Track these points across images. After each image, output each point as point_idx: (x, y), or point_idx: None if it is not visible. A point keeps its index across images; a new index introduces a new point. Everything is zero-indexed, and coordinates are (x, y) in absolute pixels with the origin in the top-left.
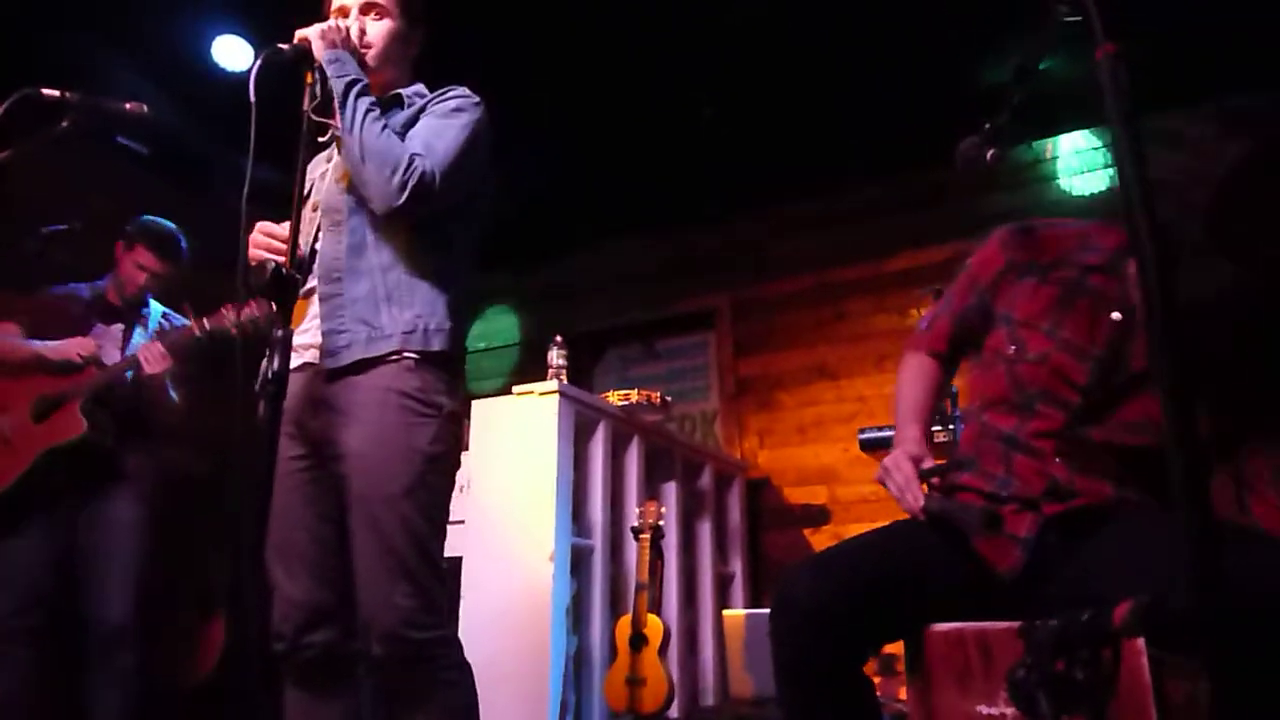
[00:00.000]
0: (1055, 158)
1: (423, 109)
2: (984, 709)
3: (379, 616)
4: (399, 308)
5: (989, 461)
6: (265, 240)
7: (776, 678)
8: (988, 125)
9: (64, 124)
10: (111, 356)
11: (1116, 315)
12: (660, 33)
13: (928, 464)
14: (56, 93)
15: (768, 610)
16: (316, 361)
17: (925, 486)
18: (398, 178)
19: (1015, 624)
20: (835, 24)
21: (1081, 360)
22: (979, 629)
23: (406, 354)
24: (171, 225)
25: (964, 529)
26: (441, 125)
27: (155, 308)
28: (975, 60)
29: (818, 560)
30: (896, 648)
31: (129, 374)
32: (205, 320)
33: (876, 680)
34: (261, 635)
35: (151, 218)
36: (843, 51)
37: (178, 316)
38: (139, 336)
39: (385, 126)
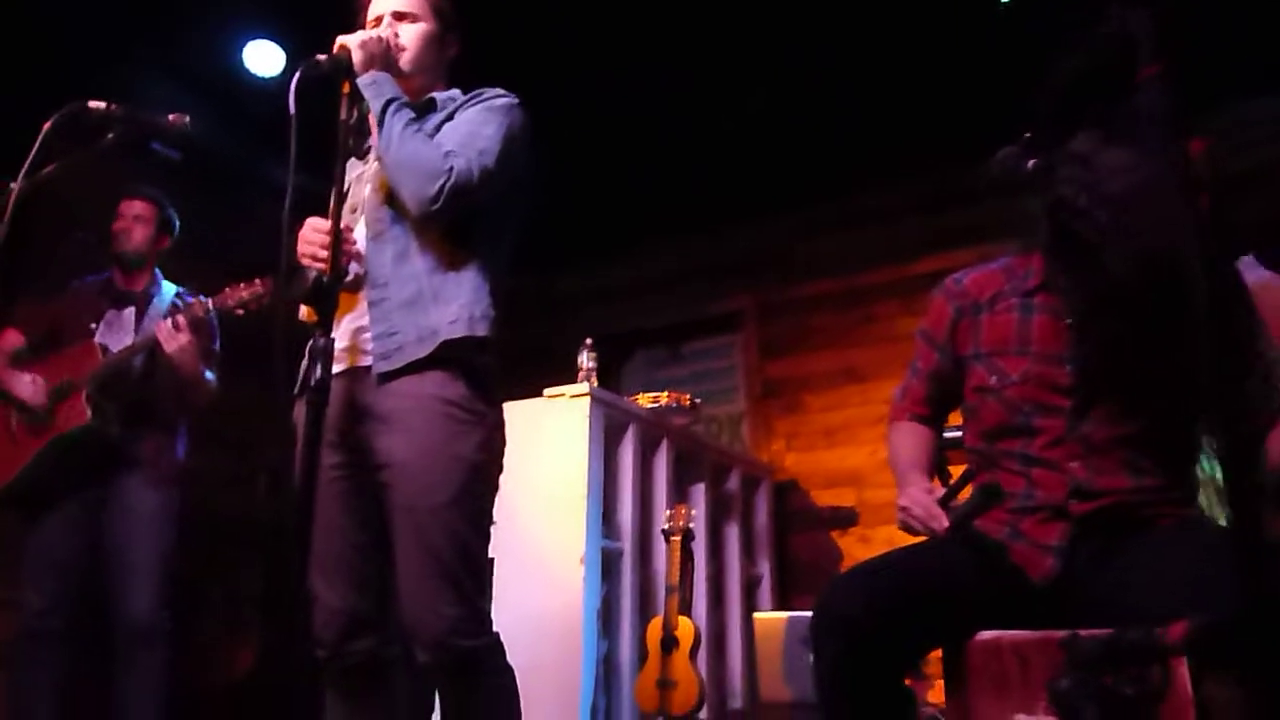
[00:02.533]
0: None
1: (457, 109)
2: (1021, 717)
3: (425, 625)
4: (444, 303)
5: (1008, 482)
6: (318, 237)
7: (818, 690)
8: (1027, 135)
9: (109, 136)
10: (123, 343)
11: (1069, 321)
12: (686, 35)
13: (939, 493)
14: (103, 106)
15: (797, 613)
16: (357, 365)
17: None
18: (435, 184)
19: (1052, 633)
20: (864, 25)
21: (1058, 365)
22: (1016, 638)
23: (453, 344)
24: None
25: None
26: (479, 120)
27: (167, 287)
28: (1006, 62)
29: (857, 572)
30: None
31: (140, 358)
32: (211, 300)
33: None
34: (303, 641)
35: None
36: (870, 52)
37: (190, 295)
38: (153, 317)
39: (421, 135)
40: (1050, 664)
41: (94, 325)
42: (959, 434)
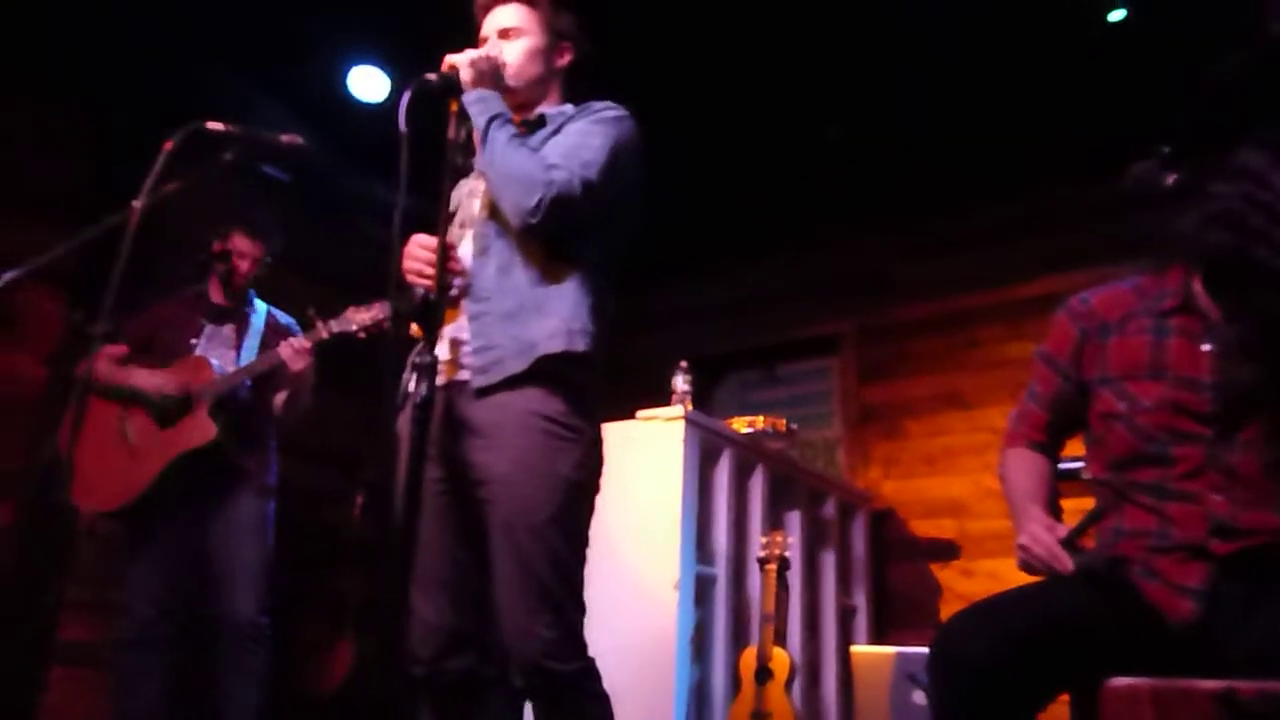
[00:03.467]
0: None
1: (566, 123)
2: None
3: (521, 647)
4: (544, 317)
5: (1138, 519)
6: (423, 254)
7: None
8: (1167, 149)
9: (227, 156)
10: (225, 358)
11: (1207, 346)
12: (785, 53)
13: (1062, 532)
14: (221, 127)
15: (901, 648)
16: (455, 379)
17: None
18: (535, 196)
19: (1197, 683)
20: (965, 39)
21: (1199, 391)
22: (1154, 686)
23: (551, 359)
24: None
25: (1114, 580)
26: (585, 133)
27: (260, 305)
28: (1115, 80)
29: (978, 610)
30: None
31: (248, 382)
32: (332, 321)
33: None
34: (401, 656)
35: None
36: (977, 69)
37: (283, 314)
38: (252, 335)
39: (524, 147)
40: (1194, 716)
41: (194, 340)
42: (1072, 465)
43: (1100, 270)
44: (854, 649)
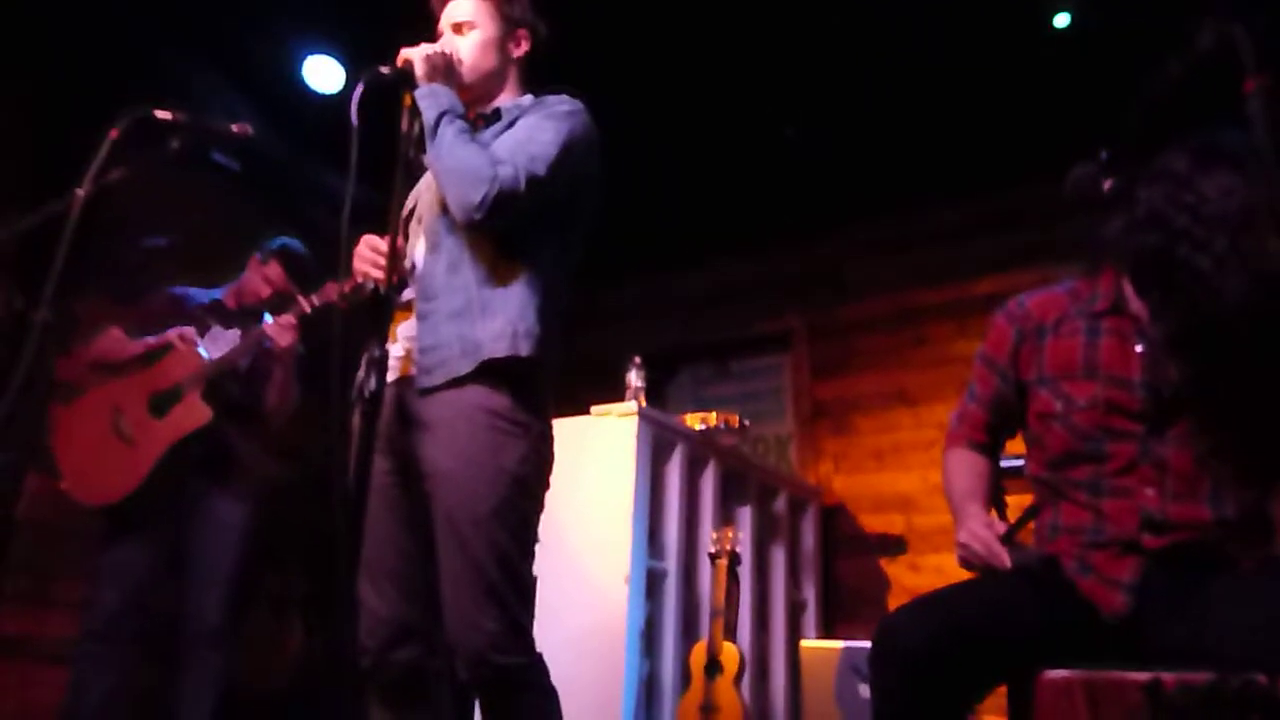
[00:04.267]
0: None
1: (519, 117)
2: None
3: (465, 640)
4: (490, 317)
5: (1074, 515)
6: (370, 255)
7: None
8: (1105, 154)
9: (174, 144)
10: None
11: (1139, 347)
12: (742, 50)
13: (1000, 529)
14: (168, 114)
15: (848, 643)
16: (408, 374)
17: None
18: (479, 192)
19: (1127, 675)
20: (919, 42)
21: (1130, 390)
22: (1087, 677)
23: (495, 361)
24: (307, 251)
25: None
26: (535, 127)
27: (268, 318)
28: (1062, 83)
29: (919, 604)
30: None
31: (246, 360)
32: (313, 295)
33: None
34: (349, 650)
35: (292, 240)
36: (929, 71)
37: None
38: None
39: (472, 143)
40: (1124, 706)
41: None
42: (1016, 463)
43: (1047, 270)
44: (802, 644)
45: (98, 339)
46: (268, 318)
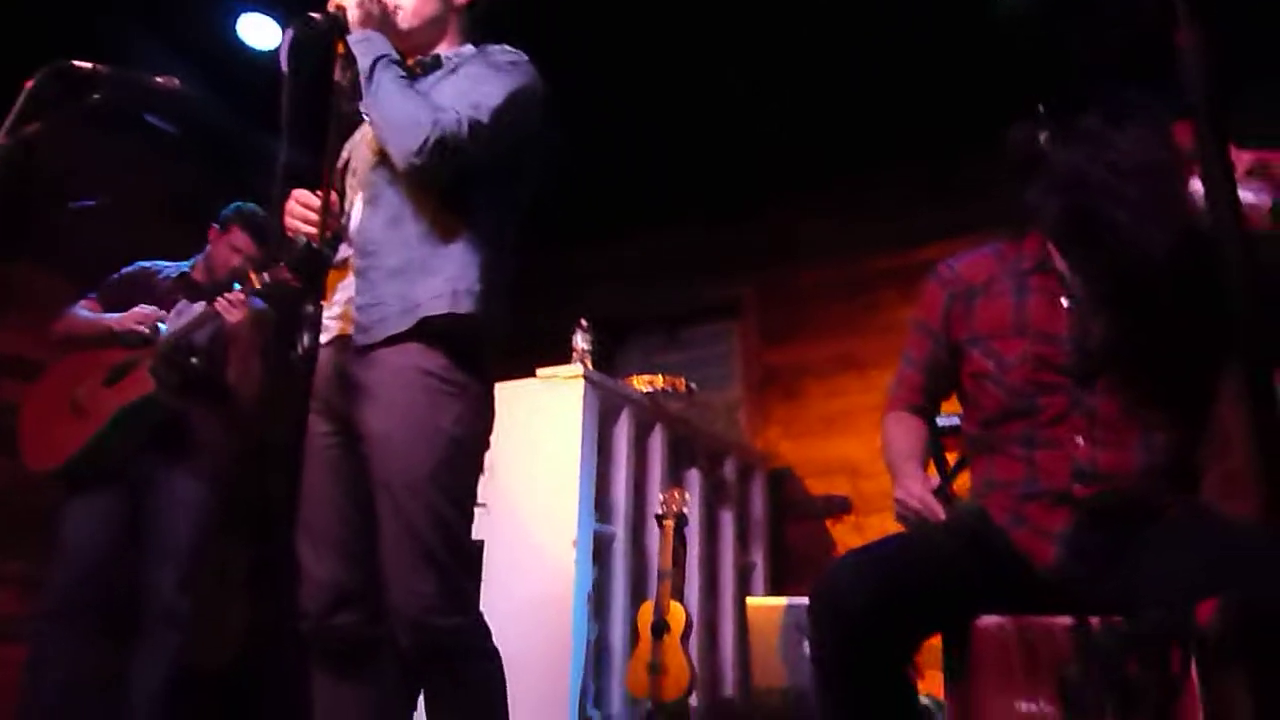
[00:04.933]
0: None
1: (461, 66)
2: (1023, 705)
3: (403, 604)
4: (430, 275)
5: (1009, 470)
6: (301, 211)
7: (816, 679)
8: (1042, 108)
9: (95, 97)
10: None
11: (1065, 301)
12: (690, 11)
13: (935, 483)
14: (88, 65)
15: (791, 599)
16: (346, 334)
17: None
18: (419, 138)
19: (1058, 620)
20: (866, 7)
21: (1058, 344)
22: (1022, 624)
23: (434, 318)
24: (263, 212)
25: (983, 526)
26: (478, 76)
27: (237, 286)
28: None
29: (854, 558)
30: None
31: (201, 334)
32: (265, 273)
33: None
34: (290, 616)
35: (246, 204)
36: (874, 34)
37: (259, 301)
38: None
39: (409, 89)
40: (1056, 652)
41: (165, 314)
42: (955, 420)
43: (989, 235)
44: (749, 601)
45: (67, 314)
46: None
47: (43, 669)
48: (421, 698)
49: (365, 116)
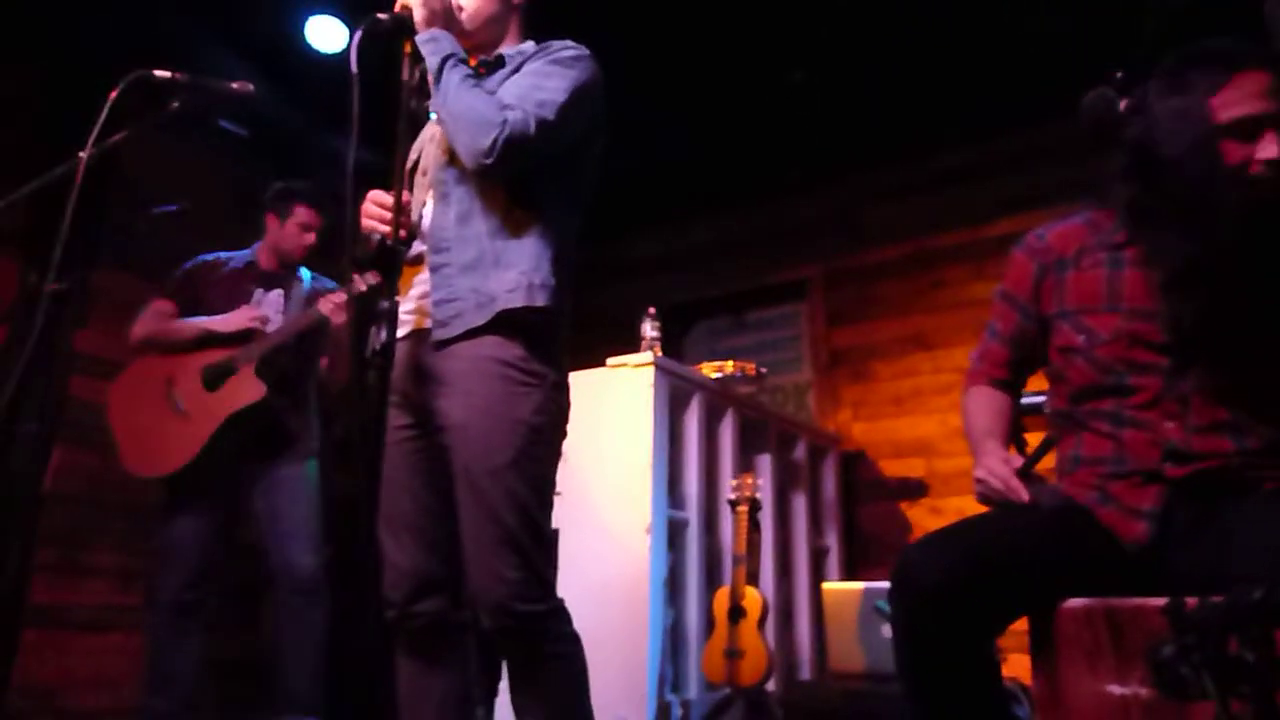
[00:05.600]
0: None
1: (524, 63)
2: (1115, 689)
3: (486, 590)
4: (504, 269)
5: (1096, 446)
6: (377, 211)
7: (898, 660)
8: (1119, 74)
9: (174, 105)
10: (275, 323)
11: (1160, 280)
12: None
13: (1018, 462)
14: (167, 74)
15: (868, 583)
16: (423, 328)
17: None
18: (489, 137)
19: (1149, 600)
20: None
21: (1152, 321)
22: (1108, 605)
23: (511, 312)
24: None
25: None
26: (542, 74)
27: (304, 272)
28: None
29: (936, 538)
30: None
31: (295, 336)
32: (369, 274)
33: None
34: (374, 603)
35: (289, 183)
36: (935, 9)
37: (326, 280)
38: (297, 301)
39: (477, 88)
40: (1147, 633)
41: (244, 305)
42: (1037, 399)
43: (1060, 210)
44: (825, 585)
45: (142, 318)
46: (305, 274)
47: (166, 658)
48: (505, 680)
49: (434, 116)
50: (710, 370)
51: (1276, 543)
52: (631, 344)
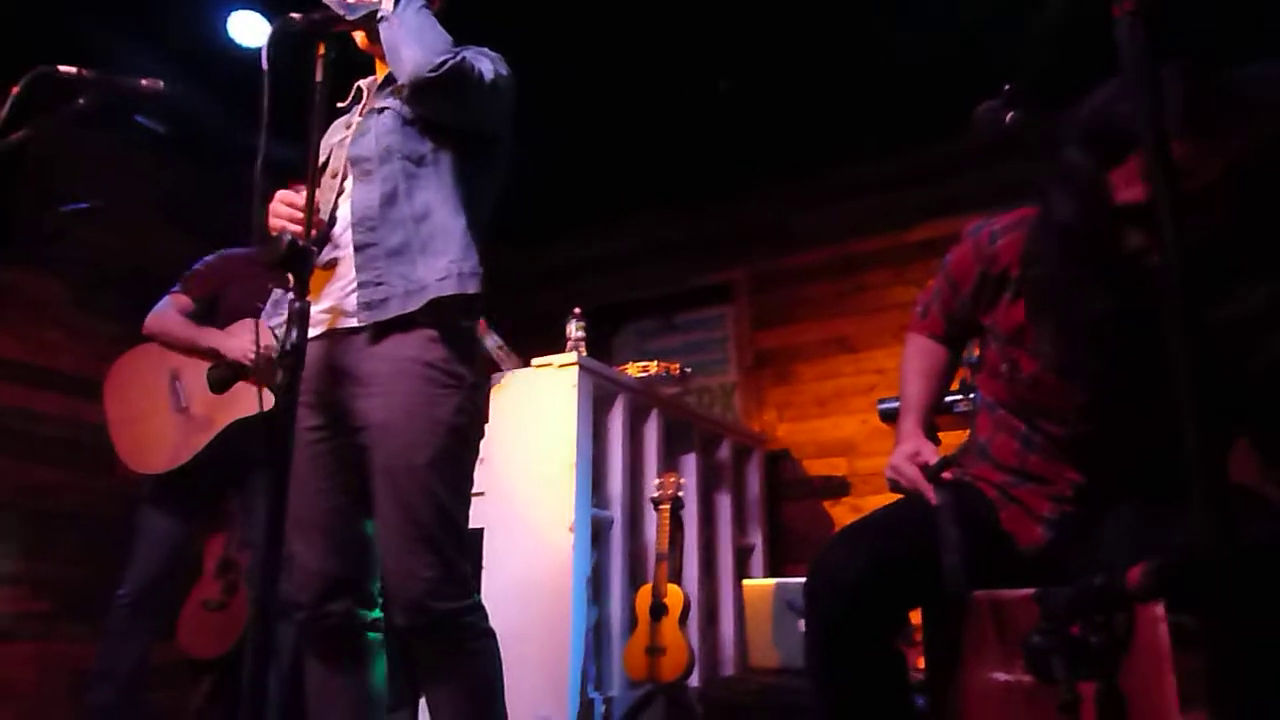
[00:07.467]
0: None
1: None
2: (1000, 676)
3: (403, 588)
4: (432, 256)
5: (1003, 454)
6: (286, 210)
7: (808, 652)
8: (1007, 87)
9: (80, 101)
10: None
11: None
12: (672, 4)
13: (931, 459)
14: (73, 70)
15: (785, 579)
16: (337, 329)
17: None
18: (439, 56)
19: (1029, 591)
20: None
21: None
22: (993, 597)
23: (441, 300)
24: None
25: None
26: (477, 55)
27: None
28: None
29: (847, 534)
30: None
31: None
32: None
33: None
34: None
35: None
36: (860, 20)
37: None
38: None
39: (435, 21)
40: (1028, 622)
41: (260, 304)
42: (953, 398)
43: (978, 216)
44: (745, 582)
45: (157, 313)
46: None
47: (115, 659)
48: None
49: (378, 39)
50: (635, 371)
51: (1139, 530)
52: (560, 346)
